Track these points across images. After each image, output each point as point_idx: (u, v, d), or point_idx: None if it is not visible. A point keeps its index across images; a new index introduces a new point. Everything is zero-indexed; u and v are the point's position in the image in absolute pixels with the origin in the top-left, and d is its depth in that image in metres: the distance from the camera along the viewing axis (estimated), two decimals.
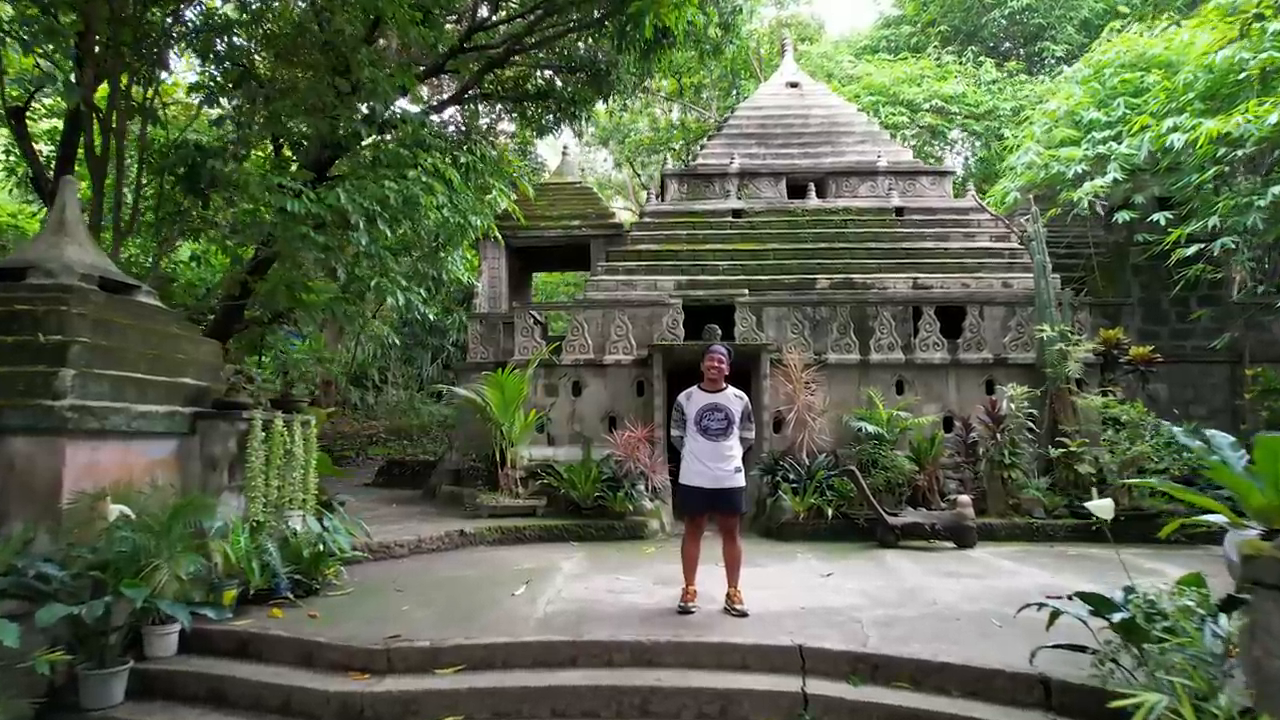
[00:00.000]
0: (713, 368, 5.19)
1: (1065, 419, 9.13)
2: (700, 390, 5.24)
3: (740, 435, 5.16)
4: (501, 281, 12.55)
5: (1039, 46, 18.20)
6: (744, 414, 5.15)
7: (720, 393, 5.18)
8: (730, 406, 5.12)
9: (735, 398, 5.17)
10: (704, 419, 5.12)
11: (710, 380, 5.21)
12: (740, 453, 5.17)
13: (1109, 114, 10.97)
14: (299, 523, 6.12)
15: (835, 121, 12.90)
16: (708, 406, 5.14)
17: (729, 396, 5.16)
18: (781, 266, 10.85)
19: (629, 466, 8.86)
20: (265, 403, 5.89)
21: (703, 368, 5.25)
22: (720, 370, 5.18)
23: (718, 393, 5.18)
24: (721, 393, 5.18)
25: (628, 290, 10.66)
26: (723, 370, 5.19)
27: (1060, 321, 9.49)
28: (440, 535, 7.78)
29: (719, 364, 5.18)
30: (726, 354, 5.24)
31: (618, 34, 10.63)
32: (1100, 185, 10.00)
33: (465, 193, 9.17)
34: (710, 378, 5.20)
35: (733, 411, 5.11)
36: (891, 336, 9.92)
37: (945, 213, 11.56)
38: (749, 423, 5.21)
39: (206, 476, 5.38)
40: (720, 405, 5.12)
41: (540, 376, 10.01)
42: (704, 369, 5.24)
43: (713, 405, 5.13)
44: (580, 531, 8.47)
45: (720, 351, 5.22)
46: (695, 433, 5.14)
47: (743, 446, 5.22)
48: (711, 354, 5.22)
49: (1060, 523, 8.40)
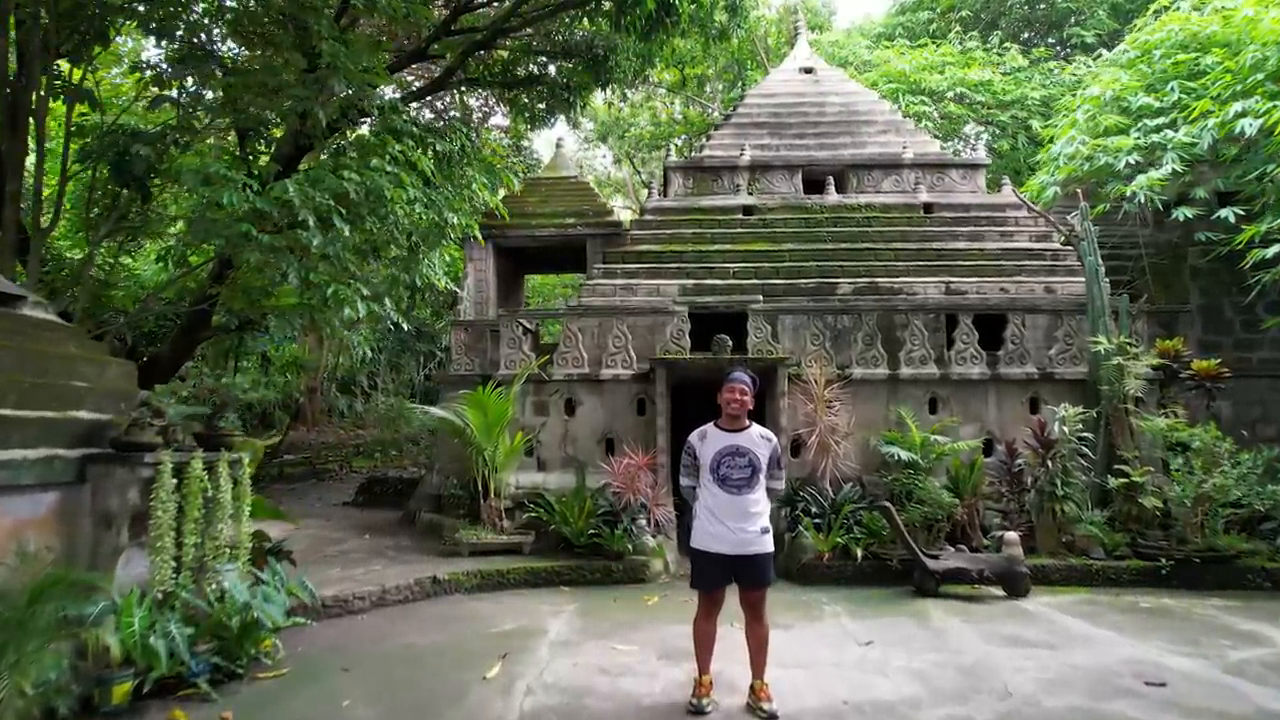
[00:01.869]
0: (733, 401, 4.11)
1: (1123, 443, 8.04)
2: (717, 429, 4.17)
3: (768, 485, 4.09)
4: (489, 285, 11.47)
5: (1067, 32, 17.09)
6: (772, 459, 4.09)
7: (742, 432, 4.10)
8: (755, 450, 4.04)
9: (762, 439, 4.10)
10: (722, 465, 4.04)
11: (730, 416, 4.13)
12: (768, 508, 4.11)
13: (1161, 98, 9.87)
14: (233, 578, 5.06)
15: (854, 110, 11.80)
16: (727, 450, 4.06)
17: (753, 437, 4.09)
18: (798, 269, 9.76)
19: (628, 498, 7.78)
20: (182, 439, 4.81)
21: (720, 400, 4.17)
22: (742, 404, 4.11)
23: (739, 432, 4.10)
24: (744, 432, 4.10)
25: (627, 296, 9.57)
26: (745, 404, 4.11)
27: (1117, 332, 8.40)
28: (409, 584, 6.70)
29: (741, 396, 4.10)
30: (750, 384, 4.16)
31: (616, 10, 9.56)
32: (1157, 178, 8.90)
33: (443, 185, 8.11)
34: (730, 413, 4.13)
35: (758, 456, 4.03)
36: (924, 348, 8.83)
37: (979, 209, 10.47)
38: (778, 469, 4.15)
39: (99, 537, 4.31)
40: (742, 449, 4.04)
41: (529, 393, 8.93)
42: (721, 402, 4.16)
43: (733, 449, 4.06)
44: (572, 574, 7.39)
45: (742, 381, 4.14)
46: (711, 483, 4.06)
47: (771, 500, 4.15)
48: (731, 384, 4.14)
49: (1123, 565, 7.31)
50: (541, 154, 21.07)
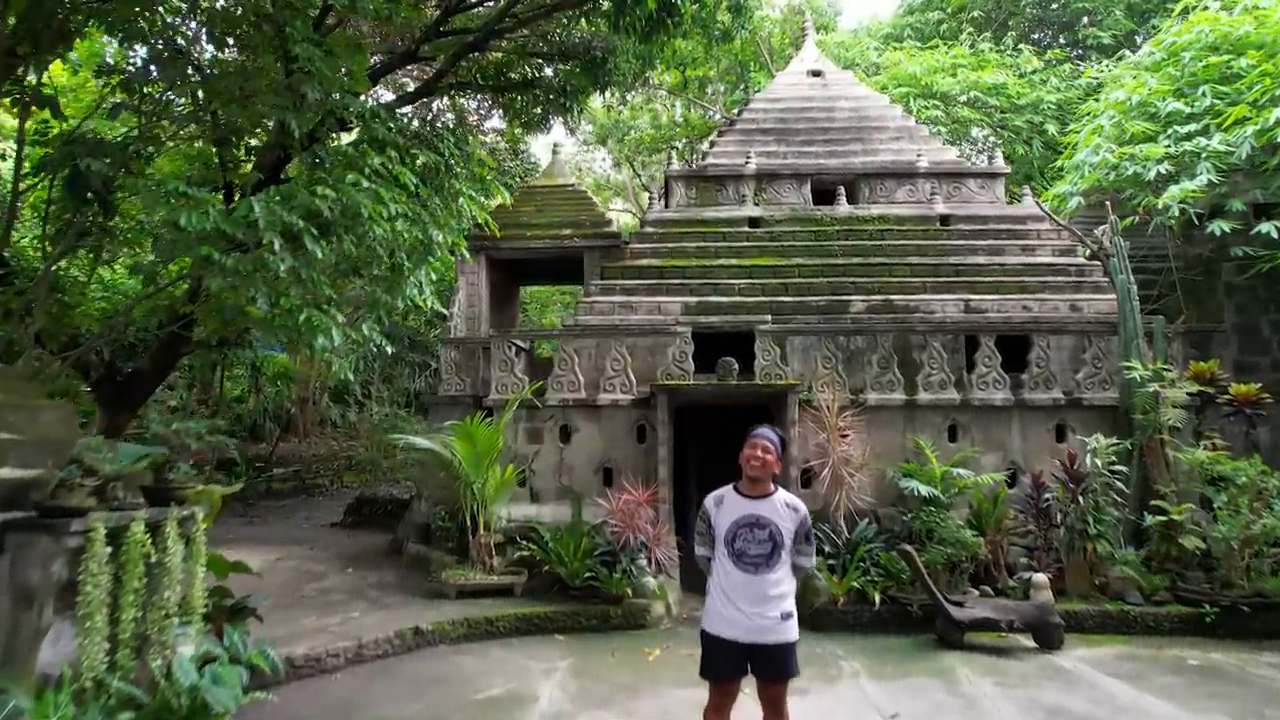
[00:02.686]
0: (753, 460, 3.52)
1: (1159, 477, 7.49)
2: (736, 493, 3.59)
3: (794, 562, 3.53)
4: (481, 300, 10.91)
5: (1083, 33, 16.53)
6: (800, 532, 3.50)
7: (764, 499, 3.52)
8: (778, 522, 3.47)
9: (787, 508, 3.51)
10: (738, 538, 3.48)
11: (750, 479, 3.56)
12: (792, 588, 3.53)
13: (1191, 103, 9.32)
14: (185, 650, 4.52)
15: (866, 115, 11.24)
16: (745, 520, 3.49)
17: (777, 506, 3.50)
18: (808, 285, 9.20)
19: (627, 536, 7.22)
20: (123, 497, 4.26)
21: (740, 459, 3.59)
22: (765, 465, 3.51)
23: (760, 499, 3.52)
24: (766, 499, 3.52)
25: (626, 315, 9.02)
26: (769, 464, 3.52)
27: (1151, 356, 7.84)
28: (388, 637, 6.14)
29: (764, 455, 3.51)
30: (777, 443, 3.58)
31: (615, 11, 9.00)
32: (1192, 189, 8.35)
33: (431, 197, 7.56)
34: (750, 474, 3.55)
35: (781, 529, 3.46)
36: (943, 371, 8.27)
37: (998, 221, 9.91)
38: (807, 544, 3.56)
39: (18, 618, 3.74)
40: (763, 519, 3.47)
41: (521, 419, 8.37)
42: (741, 461, 3.58)
43: (752, 519, 3.49)
44: (567, 620, 6.84)
45: (766, 438, 3.56)
46: (725, 558, 3.51)
47: (796, 577, 3.58)
48: (754, 440, 3.56)
49: (1163, 611, 6.76)
50: (540, 156, 20.50)
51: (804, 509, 3.54)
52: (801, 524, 3.49)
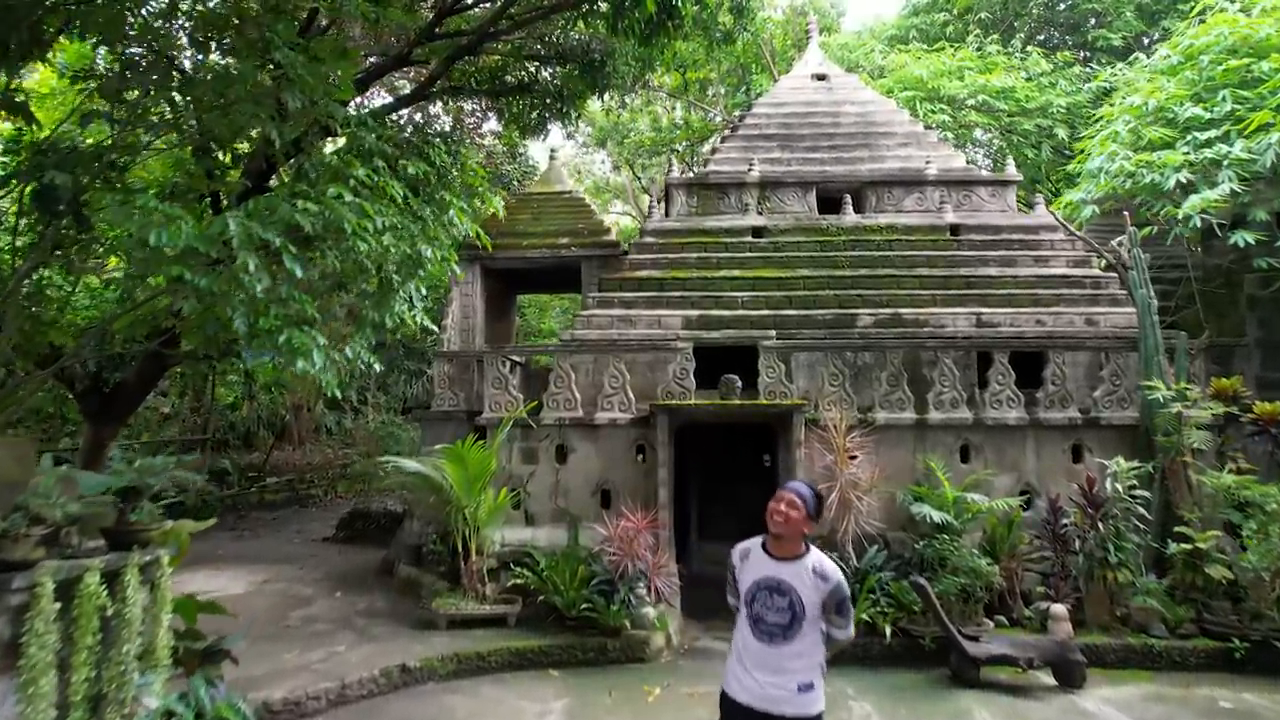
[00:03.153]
0: (775, 514, 3.12)
1: (1183, 501, 7.15)
2: (763, 550, 3.20)
3: (828, 633, 3.12)
4: (476, 311, 10.56)
5: (1091, 35, 16.18)
6: (830, 603, 3.05)
7: (792, 561, 3.10)
8: (801, 590, 3.05)
9: (815, 576, 3.05)
10: (757, 600, 3.11)
11: (775, 537, 3.16)
12: (818, 656, 3.12)
13: (1211, 108, 8.98)
14: (154, 699, 4.21)
15: (872, 120, 10.90)
16: (766, 583, 3.11)
17: (803, 573, 3.07)
18: (814, 298, 8.86)
19: (626, 565, 6.89)
20: (78, 543, 3.94)
21: (766, 513, 3.22)
22: (787, 521, 3.09)
23: (787, 560, 3.11)
24: (793, 561, 3.10)
25: (625, 329, 8.68)
26: (792, 521, 3.09)
27: (1173, 373, 7.51)
28: (373, 676, 5.82)
29: (787, 510, 3.11)
30: (806, 499, 3.13)
31: (614, 13, 8.68)
32: (1214, 199, 8.01)
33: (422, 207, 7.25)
34: (773, 530, 3.15)
35: (803, 600, 3.04)
36: (954, 389, 7.93)
37: (1010, 231, 9.57)
38: (840, 616, 3.11)
39: None
40: (785, 585, 3.07)
41: (516, 439, 8.04)
42: (766, 515, 3.19)
43: (773, 583, 3.10)
44: (563, 654, 6.51)
45: (795, 492, 3.14)
46: (744, 619, 3.15)
47: (828, 649, 3.17)
48: (780, 494, 3.17)
49: (1189, 645, 6.44)
50: (539, 159, 20.18)
51: (836, 578, 3.05)
52: (832, 595, 3.03)
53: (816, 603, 3.03)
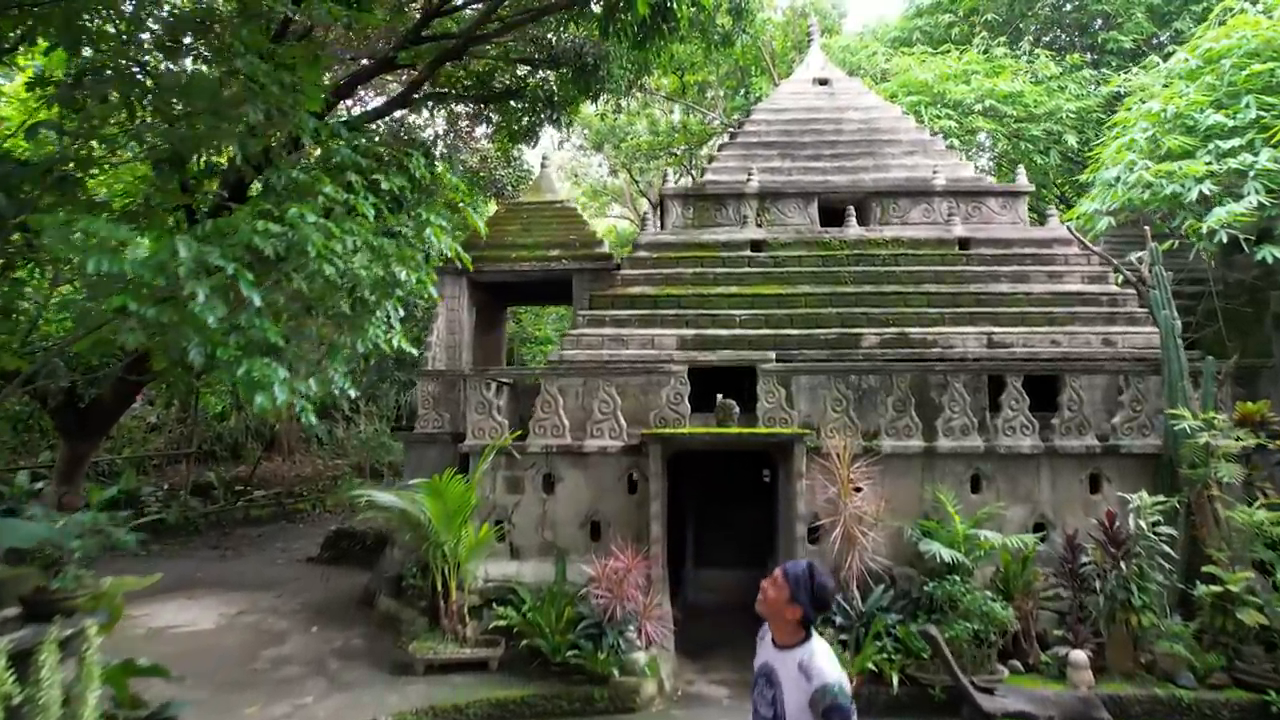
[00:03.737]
0: (759, 595, 2.78)
1: (1210, 538, 6.70)
2: (768, 636, 2.84)
3: None
4: (463, 326, 10.11)
5: (1102, 37, 15.71)
6: (815, 710, 2.55)
7: (787, 650, 2.69)
8: (784, 684, 2.64)
9: (799, 672, 2.62)
10: (756, 687, 2.79)
11: (770, 621, 2.81)
12: None
13: (1234, 115, 8.53)
14: None
15: (876, 127, 10.44)
16: (763, 669, 2.78)
17: (792, 666, 2.64)
18: (816, 316, 8.41)
19: (615, 607, 6.45)
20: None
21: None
22: (766, 604, 2.73)
23: (784, 649, 2.70)
24: (788, 651, 2.68)
25: (617, 349, 8.23)
26: (769, 603, 2.72)
27: (1198, 400, 7.06)
28: None
29: (765, 589, 2.75)
30: (792, 579, 2.69)
31: (605, 16, 8.25)
32: (1240, 212, 7.58)
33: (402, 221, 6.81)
34: (757, 611, 2.80)
35: (785, 697, 2.62)
36: (965, 415, 7.48)
37: (1022, 244, 9.11)
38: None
39: None
40: (774, 677, 2.68)
41: (500, 467, 7.60)
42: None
43: (766, 672, 2.74)
44: (547, 705, 6.08)
45: (784, 571, 2.74)
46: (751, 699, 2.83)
47: None
48: (772, 574, 2.82)
49: (1220, 697, 6.00)
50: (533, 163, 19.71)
51: (820, 680, 2.56)
52: (814, 701, 2.54)
53: (800, 704, 2.58)
